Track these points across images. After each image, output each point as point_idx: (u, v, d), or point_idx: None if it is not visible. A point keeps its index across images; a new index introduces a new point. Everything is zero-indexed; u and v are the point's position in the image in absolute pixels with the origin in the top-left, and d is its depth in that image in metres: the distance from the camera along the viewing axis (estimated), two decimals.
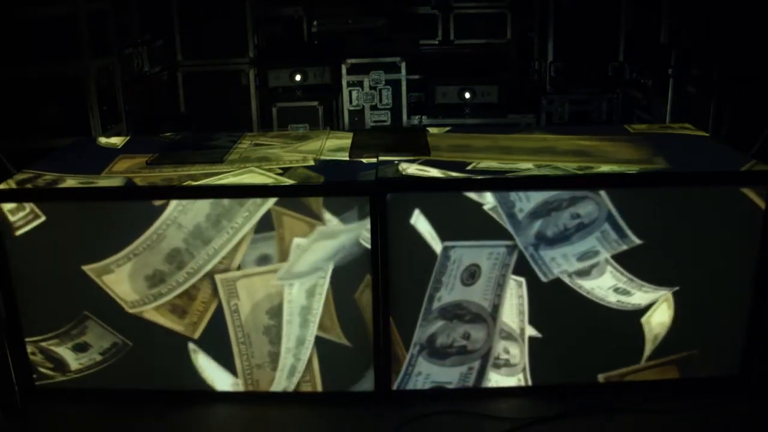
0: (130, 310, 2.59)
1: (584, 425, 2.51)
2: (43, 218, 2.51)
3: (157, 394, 2.69)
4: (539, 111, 5.59)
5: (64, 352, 2.64)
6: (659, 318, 2.60)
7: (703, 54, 4.04)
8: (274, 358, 2.63)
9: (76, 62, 3.87)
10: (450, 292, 2.56)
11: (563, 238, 2.51)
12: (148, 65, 4.97)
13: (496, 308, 2.58)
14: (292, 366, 2.64)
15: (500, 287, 2.56)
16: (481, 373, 2.65)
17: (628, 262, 2.53)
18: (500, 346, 2.63)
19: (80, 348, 2.63)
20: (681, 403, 2.57)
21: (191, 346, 2.62)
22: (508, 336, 2.62)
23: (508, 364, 2.65)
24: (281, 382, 2.66)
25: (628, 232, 2.50)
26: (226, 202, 2.48)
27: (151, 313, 2.59)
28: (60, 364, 2.67)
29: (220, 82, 5.55)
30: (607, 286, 2.56)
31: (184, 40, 5.51)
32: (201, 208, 2.49)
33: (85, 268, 2.55)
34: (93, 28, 3.93)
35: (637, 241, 2.51)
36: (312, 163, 2.74)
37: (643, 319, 2.60)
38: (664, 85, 4.52)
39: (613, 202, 2.49)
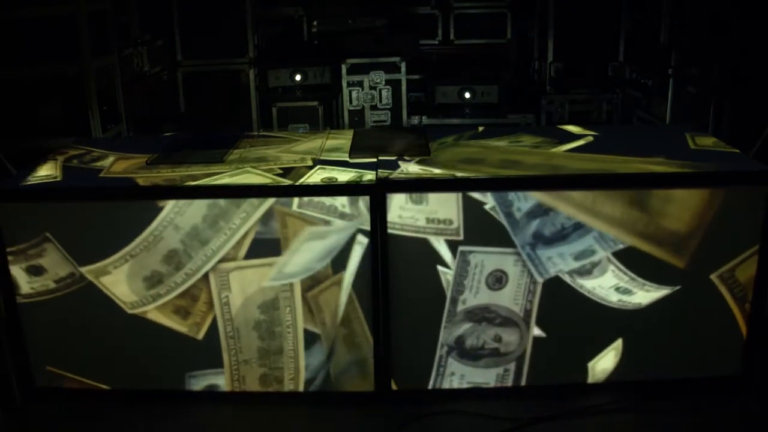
0: (131, 311, 2.59)
1: (583, 425, 2.51)
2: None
3: (158, 394, 2.69)
4: (539, 111, 5.58)
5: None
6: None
7: (703, 54, 4.04)
8: (263, 354, 2.64)
9: (76, 62, 3.87)
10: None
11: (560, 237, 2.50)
12: (148, 65, 4.96)
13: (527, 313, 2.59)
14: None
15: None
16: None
17: (630, 261, 2.53)
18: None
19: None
20: (681, 403, 2.57)
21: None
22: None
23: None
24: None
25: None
26: (222, 202, 2.48)
27: (153, 313, 2.60)
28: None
29: (220, 82, 5.54)
30: (608, 285, 2.55)
31: (184, 40, 5.50)
32: (198, 209, 2.49)
33: (83, 269, 2.56)
34: (93, 28, 3.92)
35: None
36: (310, 163, 2.74)
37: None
38: (664, 85, 4.52)
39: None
